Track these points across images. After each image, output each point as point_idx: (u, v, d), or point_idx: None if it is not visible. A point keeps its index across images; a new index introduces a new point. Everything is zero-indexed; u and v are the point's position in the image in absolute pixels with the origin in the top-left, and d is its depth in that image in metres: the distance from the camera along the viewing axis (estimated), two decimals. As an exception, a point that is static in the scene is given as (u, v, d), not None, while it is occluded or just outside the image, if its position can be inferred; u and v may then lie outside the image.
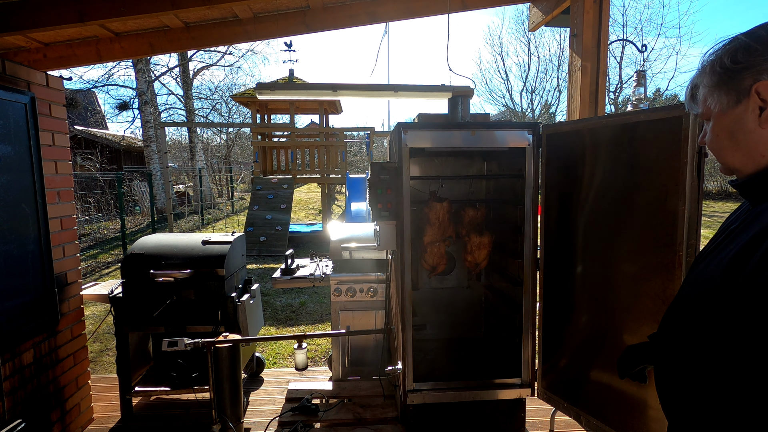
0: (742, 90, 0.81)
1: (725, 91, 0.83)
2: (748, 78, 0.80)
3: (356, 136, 22.19)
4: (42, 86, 2.48)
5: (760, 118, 0.80)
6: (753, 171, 0.85)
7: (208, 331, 2.67)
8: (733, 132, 0.85)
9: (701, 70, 0.89)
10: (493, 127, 2.33)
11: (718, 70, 0.84)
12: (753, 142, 0.82)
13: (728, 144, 0.86)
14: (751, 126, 0.82)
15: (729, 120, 0.85)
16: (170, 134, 25.91)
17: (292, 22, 2.84)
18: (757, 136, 0.82)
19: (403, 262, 2.32)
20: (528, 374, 2.43)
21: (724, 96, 0.84)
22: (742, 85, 0.81)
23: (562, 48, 19.92)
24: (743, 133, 0.83)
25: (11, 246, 2.15)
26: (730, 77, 0.82)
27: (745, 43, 0.80)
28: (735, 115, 0.83)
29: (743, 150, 0.84)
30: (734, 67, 0.81)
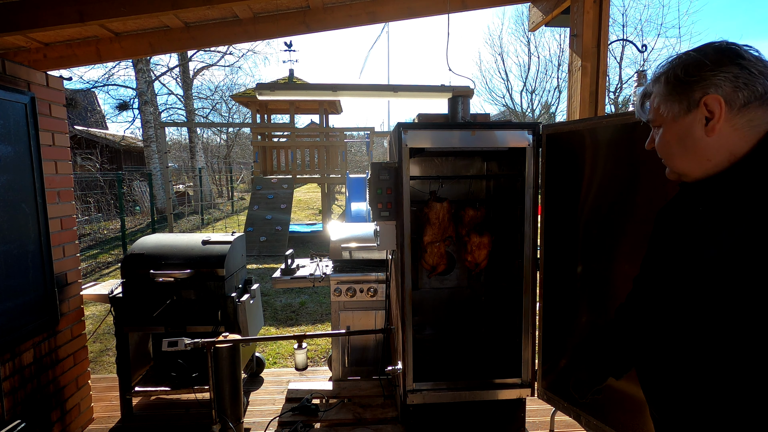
0: (693, 101, 0.89)
1: (677, 101, 0.91)
2: (698, 90, 0.88)
3: (356, 136, 22.18)
4: (42, 86, 2.48)
5: (706, 127, 0.88)
6: (700, 175, 0.93)
7: (208, 331, 2.67)
8: (682, 138, 0.93)
9: (654, 80, 0.96)
10: (493, 127, 2.33)
11: (672, 81, 0.92)
12: (700, 148, 0.90)
13: (678, 149, 0.94)
14: (699, 134, 0.90)
15: (679, 127, 0.92)
16: (170, 134, 25.91)
17: (292, 22, 2.84)
18: (704, 143, 0.90)
19: (403, 262, 2.32)
20: (528, 374, 2.43)
21: (676, 105, 0.92)
22: (692, 96, 0.89)
23: (562, 48, 19.92)
24: (692, 140, 0.91)
25: (11, 246, 2.15)
26: (683, 88, 0.90)
27: (697, 59, 0.89)
28: (685, 123, 0.91)
29: (691, 155, 0.92)
30: (687, 79, 0.89)
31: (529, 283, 2.39)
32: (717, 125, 0.87)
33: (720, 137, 0.88)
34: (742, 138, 0.87)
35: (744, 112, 0.86)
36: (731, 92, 0.86)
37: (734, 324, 0.81)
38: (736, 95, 0.86)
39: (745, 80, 0.85)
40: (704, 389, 0.87)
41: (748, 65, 0.85)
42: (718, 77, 0.86)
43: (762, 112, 0.86)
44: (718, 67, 0.86)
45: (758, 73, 0.85)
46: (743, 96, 0.85)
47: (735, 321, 0.82)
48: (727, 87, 0.86)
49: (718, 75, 0.86)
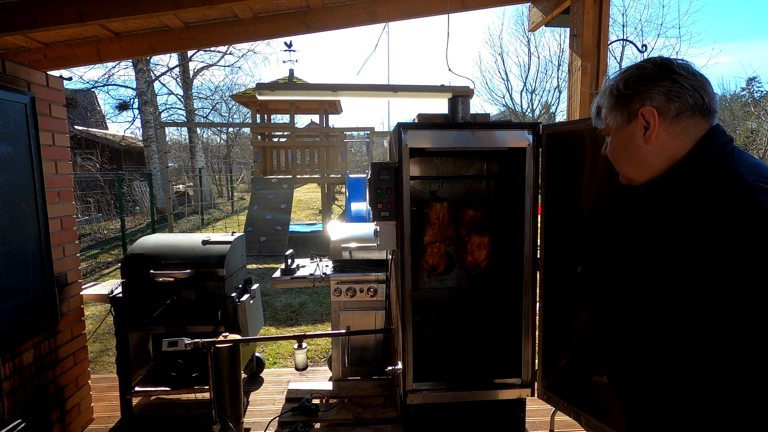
0: (632, 112, 0.98)
1: (620, 112, 1.01)
2: (636, 102, 0.97)
3: (356, 136, 22.19)
4: (42, 86, 2.48)
5: (645, 136, 0.97)
6: (645, 179, 1.02)
7: (208, 331, 2.67)
8: (626, 146, 1.02)
9: (603, 93, 1.06)
10: (493, 127, 2.33)
11: (614, 93, 1.01)
12: (642, 155, 0.99)
13: (623, 156, 1.04)
14: (639, 142, 0.99)
15: (623, 136, 1.02)
16: (170, 134, 25.91)
17: (292, 22, 2.84)
18: (644, 151, 0.99)
19: (403, 262, 2.32)
20: (528, 374, 2.43)
21: (619, 116, 1.01)
22: (632, 107, 0.98)
23: (562, 48, 19.92)
24: (633, 147, 1.00)
25: (11, 246, 2.15)
26: (623, 100, 0.99)
27: (636, 74, 0.98)
28: (627, 132, 1.01)
29: (634, 161, 1.02)
30: (626, 92, 0.99)
31: (529, 283, 2.39)
32: (653, 134, 0.96)
33: (658, 144, 0.97)
34: (679, 144, 0.96)
35: (678, 122, 0.95)
36: (664, 104, 0.95)
37: (667, 318, 0.89)
38: (669, 106, 0.94)
39: (677, 93, 0.94)
40: (649, 374, 0.95)
41: (680, 79, 0.94)
42: (652, 90, 0.95)
43: (695, 121, 0.95)
44: (653, 81, 0.95)
45: (689, 86, 0.93)
46: (675, 107, 0.94)
47: (668, 315, 0.89)
48: (660, 99, 0.95)
49: (653, 88, 0.95)
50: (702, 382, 0.84)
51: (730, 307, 0.78)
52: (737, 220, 0.79)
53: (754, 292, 0.75)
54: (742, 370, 0.78)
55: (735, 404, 0.80)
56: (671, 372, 0.89)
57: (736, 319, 0.77)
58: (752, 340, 0.76)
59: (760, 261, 0.75)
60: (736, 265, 0.78)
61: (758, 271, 0.75)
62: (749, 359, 0.77)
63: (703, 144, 0.94)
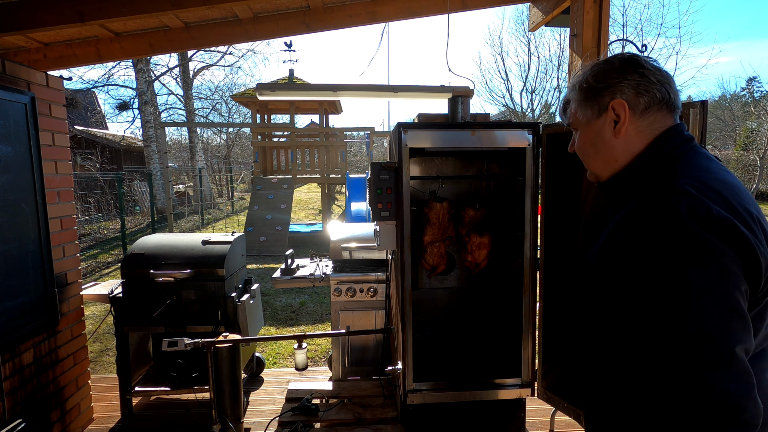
0: (603, 105, 0.99)
1: (590, 105, 1.01)
2: (606, 96, 0.98)
3: (356, 136, 22.18)
4: (42, 86, 2.48)
5: (614, 130, 0.98)
6: (609, 175, 1.04)
7: (208, 331, 2.67)
8: (594, 141, 1.03)
9: (572, 87, 1.06)
10: (493, 127, 2.32)
11: (585, 87, 1.02)
12: (610, 149, 1.01)
13: (591, 151, 1.05)
14: (608, 136, 1.00)
15: (592, 130, 1.03)
16: (170, 134, 25.89)
17: (292, 22, 2.84)
18: (612, 145, 1.00)
19: (403, 262, 2.32)
20: (528, 374, 2.43)
21: (589, 109, 1.02)
22: (602, 101, 0.99)
23: (562, 48, 19.91)
24: (602, 142, 1.01)
25: (11, 246, 2.15)
26: (594, 94, 1.00)
27: (605, 68, 0.99)
28: (597, 126, 1.01)
29: (602, 156, 1.03)
30: (597, 86, 0.99)
31: (529, 283, 2.39)
32: (623, 127, 0.98)
33: (625, 139, 0.99)
34: (642, 139, 0.98)
35: (645, 116, 0.97)
36: (634, 97, 0.96)
37: (608, 306, 0.95)
38: (638, 100, 0.96)
39: (646, 87, 0.95)
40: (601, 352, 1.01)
41: (648, 74, 0.96)
42: (622, 84, 0.96)
43: (661, 116, 0.97)
44: (623, 75, 0.97)
45: (656, 81, 0.95)
46: (644, 101, 0.96)
47: (599, 300, 0.97)
48: (630, 93, 0.96)
49: (623, 82, 0.96)
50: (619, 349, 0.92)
51: (630, 298, 0.87)
52: (650, 221, 0.84)
53: (650, 287, 0.83)
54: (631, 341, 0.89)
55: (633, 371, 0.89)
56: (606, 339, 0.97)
57: (632, 307, 0.87)
58: (632, 327, 0.87)
59: (658, 258, 0.82)
60: (642, 259, 0.84)
61: (656, 267, 0.82)
62: (632, 336, 0.88)
63: (658, 142, 0.96)
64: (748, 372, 0.78)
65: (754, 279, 0.81)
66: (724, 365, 0.77)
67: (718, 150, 22.29)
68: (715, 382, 0.76)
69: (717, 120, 24.77)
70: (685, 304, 0.78)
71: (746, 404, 0.76)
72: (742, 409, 0.76)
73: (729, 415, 0.76)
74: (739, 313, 0.79)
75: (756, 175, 17.27)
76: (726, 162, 19.88)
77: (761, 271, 0.81)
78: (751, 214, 0.84)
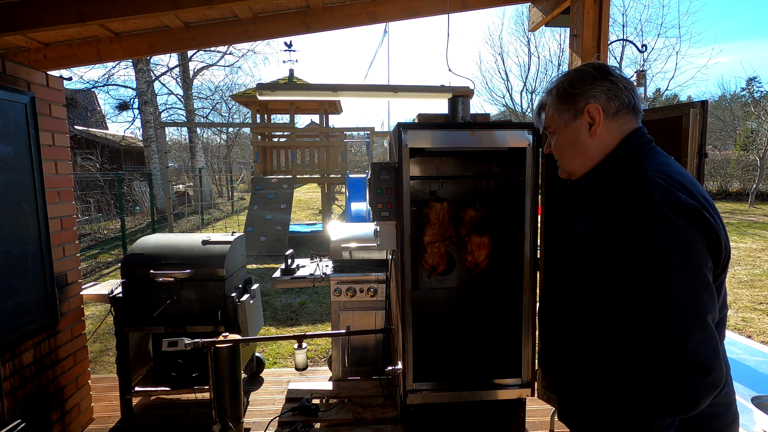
0: (578, 109, 1.10)
1: (567, 110, 1.12)
2: (582, 100, 1.09)
3: (356, 136, 22.18)
4: (42, 86, 2.48)
5: (590, 131, 1.10)
6: (583, 172, 1.15)
7: (208, 331, 2.67)
8: (572, 141, 1.14)
9: (548, 93, 1.17)
10: (493, 127, 2.32)
11: (561, 93, 1.12)
12: (586, 149, 1.12)
13: (569, 151, 1.15)
14: (584, 137, 1.11)
15: (570, 132, 1.13)
16: (170, 134, 25.91)
17: (292, 22, 2.84)
18: (588, 145, 1.12)
19: (403, 262, 2.32)
20: (528, 374, 2.43)
21: (566, 113, 1.12)
22: (578, 105, 1.10)
23: (562, 48, 19.92)
24: (579, 142, 1.12)
25: (11, 246, 2.15)
26: (570, 99, 1.11)
27: (580, 75, 1.11)
28: (574, 128, 1.12)
29: (578, 155, 1.14)
30: (572, 92, 1.10)
31: (529, 283, 2.39)
32: (597, 129, 1.09)
33: (599, 139, 1.10)
34: (614, 139, 1.10)
35: (616, 118, 1.09)
36: (606, 102, 1.08)
37: (593, 282, 1.03)
38: (610, 104, 1.08)
39: (615, 92, 1.07)
40: None
41: (616, 81, 1.08)
42: (595, 89, 1.08)
43: (629, 118, 1.09)
44: (595, 81, 1.08)
45: (624, 87, 1.08)
46: (615, 105, 1.08)
47: (582, 287, 1.06)
48: (602, 98, 1.08)
49: (596, 88, 1.08)
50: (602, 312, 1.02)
51: (615, 275, 0.97)
52: (629, 208, 0.95)
53: (631, 264, 0.93)
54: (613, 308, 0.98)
55: None
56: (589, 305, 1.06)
57: (618, 283, 0.96)
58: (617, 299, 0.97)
59: (638, 239, 0.92)
60: (624, 241, 0.95)
61: (636, 247, 0.92)
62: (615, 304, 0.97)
63: (626, 142, 1.09)
64: (715, 338, 0.89)
65: (716, 256, 0.95)
66: (697, 331, 0.88)
67: (718, 150, 22.28)
68: (689, 346, 0.87)
69: (717, 120, 24.77)
70: (663, 278, 0.90)
71: (713, 365, 0.87)
72: (711, 370, 0.87)
73: (700, 375, 0.87)
74: (707, 286, 0.91)
75: (756, 175, 17.26)
76: (726, 162, 19.91)
77: (722, 250, 0.95)
78: (709, 201, 0.97)
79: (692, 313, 0.88)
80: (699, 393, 0.87)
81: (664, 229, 0.90)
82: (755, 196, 16.68)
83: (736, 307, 5.67)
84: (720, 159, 20.17)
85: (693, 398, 0.87)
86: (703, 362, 0.86)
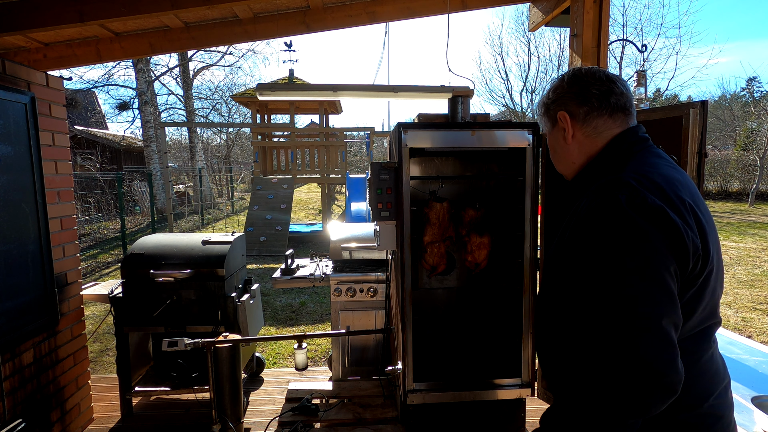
0: (553, 117, 1.17)
1: (547, 119, 1.20)
2: (554, 109, 1.17)
3: (356, 136, 22.19)
4: (42, 86, 2.48)
5: (565, 137, 1.15)
6: (571, 175, 1.20)
7: (208, 331, 2.67)
8: (554, 147, 1.22)
9: (538, 104, 1.25)
10: (493, 127, 2.32)
11: (543, 103, 1.21)
12: (566, 153, 1.18)
13: (554, 156, 1.23)
14: (562, 143, 1.17)
15: (552, 138, 1.22)
16: (170, 134, 25.92)
17: (292, 22, 2.83)
18: (567, 149, 1.17)
19: (403, 262, 2.32)
20: (528, 374, 2.43)
21: (547, 122, 1.20)
22: (552, 114, 1.17)
23: (562, 48, 19.92)
24: (560, 147, 1.19)
25: (11, 246, 2.15)
26: (547, 108, 1.19)
27: (554, 85, 1.18)
28: (554, 135, 1.20)
29: (562, 159, 1.20)
30: (548, 102, 1.19)
31: (529, 283, 2.39)
32: (570, 134, 1.14)
33: (577, 143, 1.14)
34: (593, 143, 1.13)
35: (588, 122, 1.12)
36: (575, 108, 1.13)
37: (567, 278, 1.04)
38: (579, 110, 1.12)
39: (584, 97, 1.11)
40: None
41: (587, 86, 1.11)
42: (564, 97, 1.14)
43: (603, 121, 1.11)
44: (565, 89, 1.14)
45: (596, 92, 1.10)
46: (584, 110, 1.12)
47: (567, 279, 1.05)
48: (572, 104, 1.13)
49: (565, 96, 1.14)
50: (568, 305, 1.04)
51: (578, 273, 0.99)
52: (595, 208, 0.97)
53: (589, 264, 0.95)
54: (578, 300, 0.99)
55: None
56: None
57: (580, 277, 0.98)
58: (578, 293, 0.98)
59: (596, 239, 0.94)
60: (584, 241, 0.97)
61: (594, 247, 0.95)
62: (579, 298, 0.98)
63: (613, 143, 1.11)
64: (671, 342, 0.87)
65: (683, 260, 0.92)
66: (648, 333, 0.87)
67: (718, 150, 22.28)
68: (640, 347, 0.86)
69: (717, 120, 24.77)
70: (618, 279, 0.90)
71: (666, 370, 0.85)
72: (663, 374, 0.85)
73: (650, 378, 0.85)
74: (665, 289, 0.89)
75: (756, 175, 17.25)
76: (726, 162, 19.91)
77: (689, 253, 0.92)
78: (684, 202, 0.96)
79: (644, 316, 0.87)
80: (651, 397, 0.86)
81: (622, 230, 0.91)
82: (755, 196, 16.68)
83: (736, 307, 5.68)
84: (720, 159, 20.17)
85: (644, 401, 0.86)
86: (656, 366, 0.85)
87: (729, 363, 1.12)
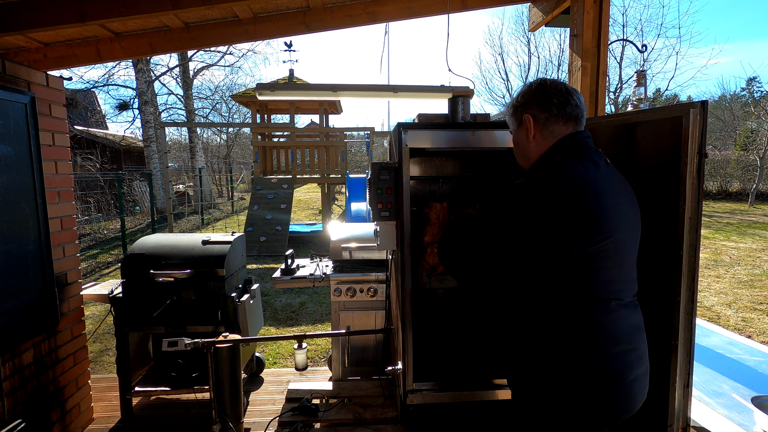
0: (519, 119, 1.40)
1: (514, 119, 1.43)
2: (520, 112, 1.39)
3: (356, 136, 22.19)
4: (42, 86, 2.48)
5: (527, 136, 1.39)
6: (528, 167, 1.42)
7: (208, 331, 2.67)
8: (517, 143, 1.45)
9: (507, 105, 1.47)
10: (493, 126, 2.32)
11: (512, 104, 1.43)
12: (527, 151, 1.41)
13: (517, 151, 1.47)
14: (524, 141, 1.41)
15: (516, 137, 1.45)
16: (170, 134, 25.93)
17: (292, 22, 2.83)
18: (528, 148, 1.40)
19: (403, 262, 2.32)
20: (528, 374, 2.43)
21: (514, 121, 1.44)
22: (519, 116, 1.40)
23: (562, 48, 19.91)
24: (522, 145, 1.42)
25: (11, 246, 2.15)
26: (515, 110, 1.42)
27: (523, 91, 1.40)
28: (519, 134, 1.43)
29: (524, 156, 1.43)
30: (516, 104, 1.41)
31: (529, 283, 2.38)
32: (532, 135, 1.37)
33: (536, 143, 1.37)
34: (547, 143, 1.35)
35: (547, 126, 1.34)
36: (538, 113, 1.35)
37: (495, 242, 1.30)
38: (541, 115, 1.34)
39: (546, 105, 1.33)
40: None
41: (549, 94, 1.33)
42: (531, 102, 1.36)
43: (559, 126, 1.34)
44: (532, 95, 1.36)
45: (556, 100, 1.32)
46: (544, 116, 1.34)
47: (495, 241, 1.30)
48: (536, 109, 1.35)
49: (531, 101, 1.36)
50: None
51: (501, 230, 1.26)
52: (521, 185, 1.23)
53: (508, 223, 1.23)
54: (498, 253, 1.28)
55: None
56: None
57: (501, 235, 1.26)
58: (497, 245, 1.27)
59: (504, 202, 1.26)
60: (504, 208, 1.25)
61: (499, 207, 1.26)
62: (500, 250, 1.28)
63: (558, 144, 1.33)
64: (466, 263, 1.36)
65: (577, 232, 1.18)
66: (466, 254, 1.35)
67: (718, 150, 22.29)
68: (457, 257, 1.38)
69: (717, 120, 24.78)
70: (484, 219, 1.30)
71: (456, 268, 1.41)
72: (453, 269, 1.43)
73: (452, 267, 1.42)
74: (499, 242, 1.26)
75: (756, 175, 17.25)
76: (726, 162, 19.91)
77: (585, 227, 1.18)
78: (589, 206, 1.19)
79: (473, 247, 1.32)
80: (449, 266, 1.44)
81: (513, 197, 1.22)
82: (755, 196, 16.68)
83: (736, 307, 5.68)
84: (720, 159, 20.16)
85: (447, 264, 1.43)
86: (456, 262, 1.39)
87: (729, 363, 1.13)
